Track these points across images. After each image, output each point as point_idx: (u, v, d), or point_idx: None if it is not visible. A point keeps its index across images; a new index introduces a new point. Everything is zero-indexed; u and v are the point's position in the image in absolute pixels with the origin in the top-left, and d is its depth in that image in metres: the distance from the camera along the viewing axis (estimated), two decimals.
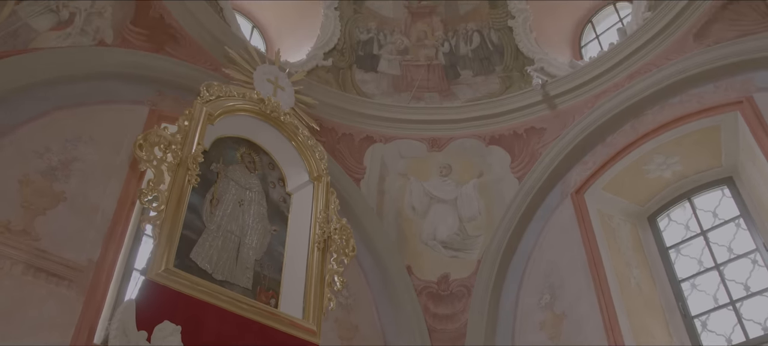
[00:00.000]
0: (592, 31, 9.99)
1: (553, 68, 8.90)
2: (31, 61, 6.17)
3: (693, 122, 7.33)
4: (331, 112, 8.98)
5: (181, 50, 7.58)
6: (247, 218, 6.99)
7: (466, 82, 9.70)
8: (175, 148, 6.36)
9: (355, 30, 9.89)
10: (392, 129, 9.26)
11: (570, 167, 8.30)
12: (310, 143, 7.87)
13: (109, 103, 6.74)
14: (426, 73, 9.86)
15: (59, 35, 6.40)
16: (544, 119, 8.76)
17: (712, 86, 7.25)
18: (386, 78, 9.76)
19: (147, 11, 7.26)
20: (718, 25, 7.23)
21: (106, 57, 6.86)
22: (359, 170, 8.94)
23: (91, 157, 6.26)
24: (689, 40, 7.50)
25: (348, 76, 9.57)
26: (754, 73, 6.90)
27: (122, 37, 7.04)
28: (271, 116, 7.65)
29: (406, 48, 10.01)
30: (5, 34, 5.87)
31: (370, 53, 9.86)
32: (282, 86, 8.05)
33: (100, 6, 6.74)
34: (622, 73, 8.13)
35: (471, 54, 9.86)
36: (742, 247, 7.14)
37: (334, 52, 9.54)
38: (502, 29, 9.76)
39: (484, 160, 9.01)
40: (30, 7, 6.05)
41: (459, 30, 10.05)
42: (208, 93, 7.07)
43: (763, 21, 6.85)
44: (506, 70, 9.53)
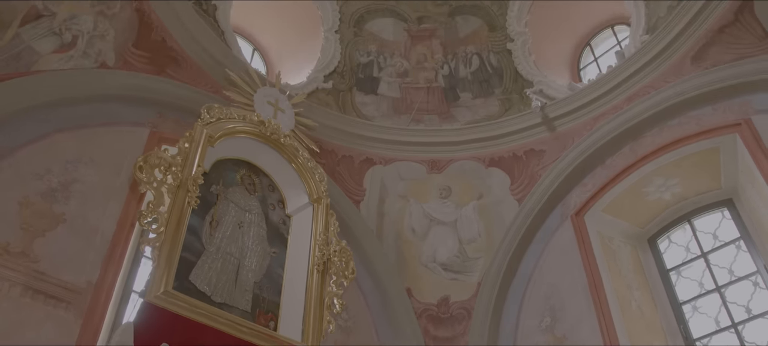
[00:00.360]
0: (590, 54, 10.07)
1: (552, 91, 8.95)
2: (33, 83, 6.21)
3: (692, 144, 7.36)
4: (331, 135, 9.01)
5: (183, 73, 7.63)
6: (247, 240, 6.98)
7: (466, 105, 9.75)
8: (176, 170, 6.38)
9: (356, 53, 9.97)
10: (392, 151, 9.28)
11: (570, 189, 8.31)
12: (310, 165, 7.88)
13: (110, 125, 6.77)
14: (425, 96, 9.91)
15: (62, 58, 6.44)
16: (543, 141, 8.79)
17: (710, 109, 7.30)
18: (386, 100, 9.81)
19: (149, 34, 7.32)
20: (715, 49, 7.29)
21: (107, 79, 6.90)
22: (359, 192, 8.94)
23: (91, 179, 6.27)
24: (687, 63, 7.56)
25: (348, 99, 9.62)
26: (751, 95, 6.94)
27: (124, 59, 7.09)
28: (271, 138, 7.67)
29: (406, 70, 10.08)
30: (8, 57, 5.92)
31: (370, 76, 9.92)
32: (282, 108, 8.09)
33: (103, 29, 6.80)
34: (620, 96, 8.17)
35: (470, 76, 9.93)
36: (743, 269, 7.12)
37: (335, 74, 9.60)
38: (501, 52, 9.83)
39: (484, 182, 9.02)
40: (33, 30, 6.11)
41: (458, 53, 10.12)
42: (208, 115, 7.10)
43: (760, 44, 6.91)
44: (505, 92, 9.58)
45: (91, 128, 6.61)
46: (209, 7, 8.34)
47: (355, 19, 10.07)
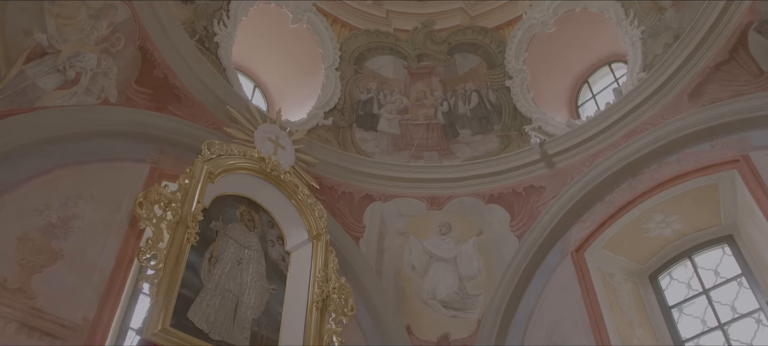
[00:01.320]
0: (588, 91, 10.17)
1: (550, 127, 9.01)
2: (36, 119, 6.25)
3: (691, 181, 7.38)
4: (331, 171, 9.04)
5: (184, 109, 7.69)
6: (246, 276, 6.94)
7: (465, 141, 9.80)
8: (175, 206, 6.39)
9: (356, 90, 10.06)
10: (392, 187, 9.30)
11: (569, 226, 8.29)
12: (309, 202, 7.89)
13: (111, 161, 6.79)
14: (425, 132, 9.97)
15: (65, 94, 6.51)
16: (542, 178, 8.82)
17: (708, 145, 7.34)
18: (386, 137, 9.87)
19: (151, 71, 7.40)
20: (711, 86, 7.38)
21: (109, 116, 6.95)
22: (358, 229, 8.93)
23: (91, 215, 6.26)
24: (684, 100, 7.63)
25: (348, 135, 9.68)
26: (749, 132, 7.00)
27: (126, 96, 7.16)
28: (272, 175, 7.70)
29: (406, 107, 10.16)
30: (12, 93, 5.97)
31: (370, 112, 10.00)
32: (282, 145, 8.14)
33: (106, 66, 6.88)
34: (618, 133, 8.23)
35: (469, 113, 10.00)
36: (745, 306, 7.06)
37: (335, 111, 9.68)
38: (499, 89, 9.93)
39: (484, 218, 9.01)
40: (37, 67, 6.18)
41: (457, 90, 10.22)
42: (209, 151, 7.15)
43: (755, 81, 7.00)
44: (504, 129, 9.65)
45: (92, 164, 6.64)
46: (211, 45, 8.46)
47: (356, 57, 10.21)
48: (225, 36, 8.69)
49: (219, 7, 8.72)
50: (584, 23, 9.59)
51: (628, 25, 8.68)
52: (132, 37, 7.15)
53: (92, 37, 6.67)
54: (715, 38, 7.31)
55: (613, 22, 9.02)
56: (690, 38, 7.58)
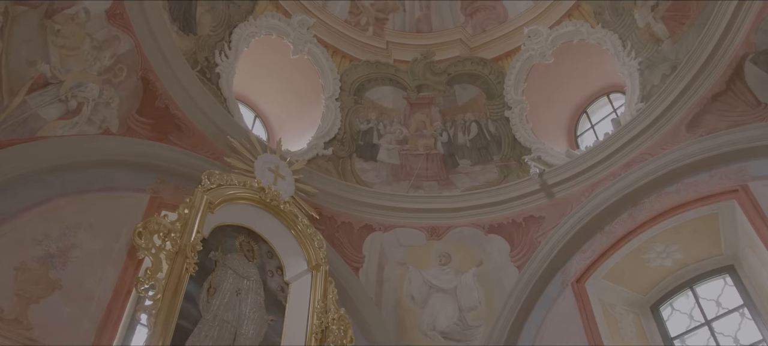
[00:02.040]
0: (587, 121, 10.22)
1: (550, 157, 9.03)
2: (37, 149, 6.27)
3: (690, 211, 7.38)
4: (331, 201, 9.03)
5: (185, 139, 7.72)
6: (244, 307, 6.89)
7: (465, 171, 9.82)
8: (174, 236, 6.38)
9: (356, 120, 10.12)
10: (391, 217, 9.28)
11: (570, 256, 8.26)
12: (309, 232, 7.88)
13: (110, 190, 6.79)
14: (425, 163, 9.99)
15: (66, 124, 6.54)
16: (542, 208, 8.81)
17: (707, 175, 7.36)
18: (386, 167, 9.89)
19: (153, 101, 7.45)
20: (709, 116, 7.43)
21: (110, 146, 6.97)
22: (358, 259, 8.89)
23: (90, 245, 6.24)
24: (682, 130, 7.68)
25: (348, 165, 9.70)
26: (747, 162, 7.02)
27: (127, 126, 7.20)
28: (271, 205, 7.70)
29: (405, 137, 10.20)
30: (14, 123, 6.01)
31: (370, 143, 10.04)
32: (282, 175, 8.16)
33: (108, 96, 6.93)
34: (618, 163, 8.26)
35: (469, 143, 10.04)
36: (748, 337, 7.00)
37: (335, 141, 9.72)
38: (499, 119, 9.99)
39: (484, 248, 8.98)
40: (40, 97, 6.23)
41: (457, 120, 10.28)
42: (209, 181, 7.16)
43: (752, 112, 7.05)
44: (504, 159, 9.68)
45: (92, 194, 6.64)
46: (213, 76, 8.53)
47: (356, 87, 10.29)
48: (226, 67, 8.77)
49: (221, 38, 8.83)
50: (582, 54, 9.69)
51: (626, 57, 8.77)
52: (134, 67, 7.22)
53: (95, 67, 6.74)
54: (711, 69, 7.38)
55: (610, 54, 9.12)
56: (687, 69, 7.65)
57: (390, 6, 10.91)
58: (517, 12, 10.38)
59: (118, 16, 6.94)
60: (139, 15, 7.19)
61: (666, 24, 8.23)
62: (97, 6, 6.68)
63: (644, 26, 8.56)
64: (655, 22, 8.36)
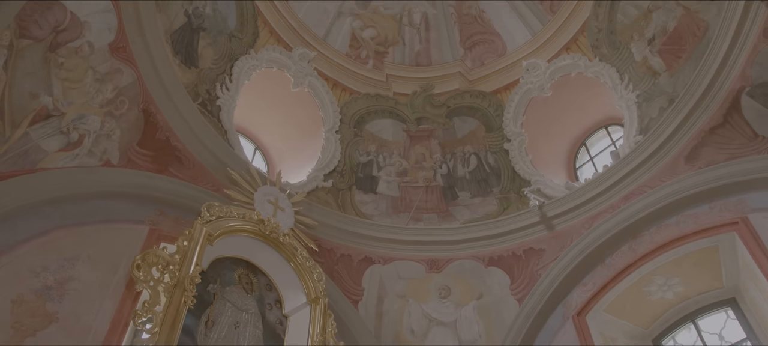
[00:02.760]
0: (586, 153, 10.26)
1: (549, 190, 9.05)
2: (37, 181, 6.28)
3: (691, 243, 7.37)
4: (330, 233, 9.01)
5: (185, 171, 7.74)
6: (243, 340, 6.82)
7: (464, 204, 9.82)
8: (173, 268, 6.34)
9: (355, 152, 10.15)
10: (391, 250, 9.24)
11: (570, 289, 8.21)
12: (308, 264, 7.84)
13: (110, 222, 6.78)
14: (424, 195, 10.00)
15: (67, 156, 6.56)
16: (542, 240, 8.79)
17: (706, 207, 7.37)
18: (385, 199, 9.89)
19: (154, 133, 7.49)
20: (707, 149, 7.47)
21: (110, 177, 6.98)
22: (357, 292, 8.83)
23: (87, 277, 6.20)
24: (681, 163, 7.71)
25: (347, 198, 9.70)
26: (746, 194, 7.04)
27: (128, 157, 7.22)
28: (271, 237, 7.68)
29: (405, 170, 10.22)
30: (15, 155, 6.03)
31: (370, 175, 10.06)
32: (282, 207, 8.16)
33: (110, 128, 6.97)
34: (617, 195, 8.27)
35: (468, 176, 10.06)
36: None
37: (334, 173, 9.73)
38: (498, 152, 10.03)
39: (484, 281, 8.93)
40: (42, 129, 6.26)
41: (456, 152, 10.32)
42: (208, 213, 7.15)
43: (750, 144, 7.09)
44: (503, 191, 9.69)
45: (91, 225, 6.62)
46: (213, 108, 8.59)
47: (356, 120, 10.35)
48: (227, 99, 8.84)
49: (222, 71, 8.92)
50: (580, 87, 9.78)
51: (624, 90, 8.86)
52: (136, 100, 7.27)
53: (97, 100, 6.79)
54: (708, 102, 7.45)
55: (608, 87, 9.20)
56: (684, 102, 7.73)
57: (390, 39, 11.04)
58: (515, 45, 10.52)
59: (122, 50, 7.02)
60: (141, 48, 7.28)
61: (663, 57, 8.33)
62: (101, 39, 6.77)
63: (641, 60, 8.66)
64: (652, 55, 8.47)
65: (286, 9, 10.18)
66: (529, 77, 10.03)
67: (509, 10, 10.61)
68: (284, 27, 10.08)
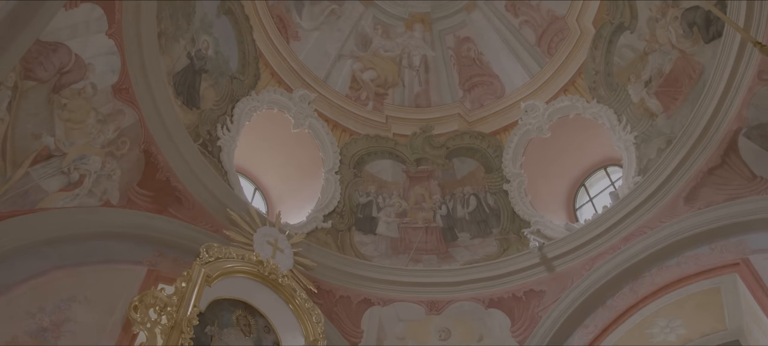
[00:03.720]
0: (585, 194, 10.27)
1: (549, 231, 9.03)
2: (36, 221, 6.27)
3: (692, 284, 7.33)
4: (330, 275, 8.95)
5: (184, 212, 7.74)
6: None
7: (464, 245, 9.78)
8: (171, 310, 6.28)
9: (355, 193, 10.16)
10: (390, 291, 9.17)
11: (572, 331, 8.12)
12: (307, 306, 7.77)
13: (108, 263, 6.75)
14: (424, 236, 9.97)
15: (67, 196, 6.57)
16: (542, 282, 8.73)
17: (707, 248, 7.35)
18: (385, 240, 9.86)
19: (154, 174, 7.51)
20: (706, 189, 7.49)
21: (109, 218, 6.98)
22: (356, 334, 8.73)
23: (84, 318, 6.14)
24: (680, 204, 7.72)
25: (347, 239, 9.67)
26: (746, 235, 7.03)
27: (128, 198, 7.23)
28: (269, 278, 7.63)
29: (405, 211, 10.22)
30: (15, 195, 6.04)
31: (369, 216, 10.04)
32: (281, 248, 8.13)
33: (110, 169, 7.00)
34: (617, 236, 8.25)
35: (468, 217, 10.05)
36: None
37: (334, 214, 9.72)
38: (497, 193, 10.04)
39: (484, 323, 8.84)
40: (43, 170, 6.28)
41: (456, 193, 10.32)
42: (207, 254, 7.12)
43: (749, 185, 7.11)
44: (503, 232, 9.66)
45: (89, 266, 6.59)
46: (214, 149, 8.64)
47: (355, 161, 10.39)
48: (228, 140, 8.90)
49: (223, 112, 9.00)
50: (579, 128, 9.85)
51: (622, 131, 8.92)
52: (137, 140, 7.32)
53: (99, 140, 6.84)
54: (706, 143, 7.50)
55: (606, 128, 9.27)
56: (682, 143, 7.77)
57: (390, 81, 11.18)
58: (513, 87, 10.64)
59: (124, 91, 7.10)
60: (144, 89, 7.36)
61: (660, 99, 8.43)
62: (105, 81, 6.85)
63: (638, 101, 8.76)
64: (649, 97, 8.56)
65: (288, 51, 10.34)
66: (527, 119, 10.12)
67: (507, 52, 10.77)
68: (285, 69, 10.23)
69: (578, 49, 9.83)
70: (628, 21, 8.93)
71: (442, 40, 11.35)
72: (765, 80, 6.84)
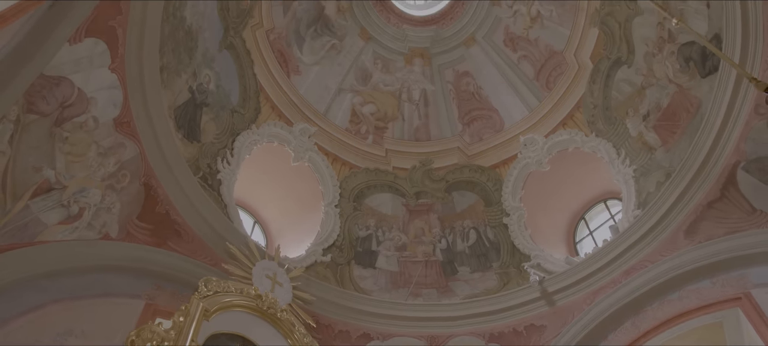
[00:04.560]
0: (585, 227, 10.25)
1: (549, 264, 9.00)
2: (35, 254, 6.25)
3: (694, 319, 7.28)
4: (329, 309, 8.88)
5: (184, 245, 7.72)
6: None
7: (464, 279, 9.73)
8: (168, 344, 6.21)
9: (355, 227, 10.14)
10: (390, 326, 9.09)
11: None
12: (306, 341, 7.68)
13: (106, 296, 6.72)
14: (424, 270, 9.92)
15: (66, 229, 6.56)
16: (543, 316, 8.66)
17: (708, 282, 7.31)
18: (384, 274, 9.81)
19: (154, 207, 7.51)
20: (706, 223, 7.48)
21: (108, 251, 6.96)
22: None
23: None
24: (680, 237, 7.70)
25: (346, 272, 9.62)
26: (748, 269, 7.00)
27: (127, 231, 7.21)
28: (268, 313, 7.56)
29: (404, 244, 10.19)
30: (14, 228, 6.03)
31: (369, 249, 10.01)
32: (280, 282, 8.08)
33: (110, 202, 7.00)
34: (618, 270, 8.22)
35: (468, 250, 10.01)
36: None
37: (333, 248, 9.69)
38: (497, 226, 10.02)
39: None
40: (42, 202, 6.29)
41: (456, 227, 10.30)
42: (206, 288, 7.07)
43: (749, 219, 7.10)
44: (503, 266, 9.62)
45: (87, 299, 6.55)
46: (214, 182, 8.65)
47: (355, 194, 10.40)
48: (228, 173, 8.92)
49: (224, 146, 9.04)
50: (578, 162, 9.88)
51: (621, 164, 8.95)
52: (137, 173, 7.34)
53: (99, 173, 6.85)
54: (705, 177, 7.51)
55: (605, 161, 9.30)
56: (681, 177, 7.79)
57: (389, 115, 11.26)
58: (512, 121, 10.72)
59: (126, 125, 7.14)
60: (145, 123, 7.40)
61: (658, 133, 8.48)
62: (106, 114, 6.90)
63: (637, 135, 8.81)
64: (647, 131, 8.61)
65: (288, 85, 10.44)
66: (526, 152, 10.16)
67: (506, 86, 10.88)
68: (286, 103, 10.31)
69: (576, 83, 9.93)
70: (625, 56, 9.05)
71: (442, 74, 11.49)
72: (762, 115, 6.89)
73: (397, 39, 11.60)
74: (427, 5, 11.91)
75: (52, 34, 5.83)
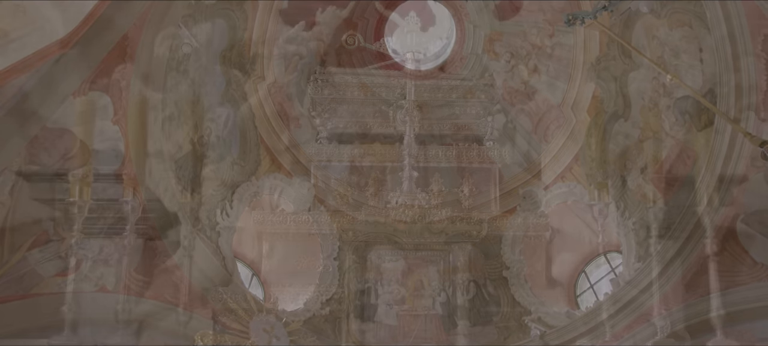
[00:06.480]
0: (586, 281, 10.17)
1: (550, 318, 8.90)
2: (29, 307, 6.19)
3: None
4: None
5: (181, 298, 7.64)
6: None
7: (464, 333, 9.58)
8: None
9: (354, 280, 10.06)
10: None
11: None
12: None
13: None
14: (423, 324, 9.79)
15: (63, 281, 6.52)
16: None
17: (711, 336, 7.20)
18: (383, 328, 9.67)
19: (152, 259, 7.49)
20: (707, 276, 7.42)
21: (103, 303, 6.89)
22: None
23: None
24: (681, 290, 7.63)
25: (345, 326, 9.49)
26: (752, 323, 6.94)
27: (124, 283, 7.16)
28: None
29: (404, 298, 10.08)
30: (9, 281, 5.99)
31: (368, 303, 9.90)
32: (277, 336, 7.97)
33: (108, 253, 6.97)
34: (620, 324, 8.13)
35: (468, 304, 9.90)
36: None
37: (332, 301, 9.59)
38: (497, 279, 9.93)
39: None
40: (40, 254, 6.27)
41: (455, 280, 10.21)
42: (202, 342, 6.99)
43: (750, 272, 7.08)
44: (503, 320, 9.50)
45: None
46: (213, 234, 8.63)
47: (354, 247, 10.34)
48: (227, 225, 8.91)
49: (223, 197, 9.05)
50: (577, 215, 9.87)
51: (620, 217, 8.95)
52: (136, 225, 7.33)
53: (98, 225, 6.84)
54: (704, 230, 7.50)
55: (605, 214, 9.29)
56: (680, 230, 7.78)
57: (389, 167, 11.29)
58: (511, 174, 10.74)
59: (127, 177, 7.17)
60: (146, 175, 7.43)
61: (656, 185, 8.50)
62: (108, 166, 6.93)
63: (635, 188, 8.83)
64: (646, 183, 8.64)
65: (288, 137, 10.52)
66: (525, 205, 10.16)
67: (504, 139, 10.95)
68: (286, 155, 10.37)
69: (574, 136, 10.02)
70: (621, 109, 9.15)
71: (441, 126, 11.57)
72: (758, 167, 6.94)
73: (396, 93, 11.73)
74: (428, 59, 12.10)
75: (58, 89, 5.92)
